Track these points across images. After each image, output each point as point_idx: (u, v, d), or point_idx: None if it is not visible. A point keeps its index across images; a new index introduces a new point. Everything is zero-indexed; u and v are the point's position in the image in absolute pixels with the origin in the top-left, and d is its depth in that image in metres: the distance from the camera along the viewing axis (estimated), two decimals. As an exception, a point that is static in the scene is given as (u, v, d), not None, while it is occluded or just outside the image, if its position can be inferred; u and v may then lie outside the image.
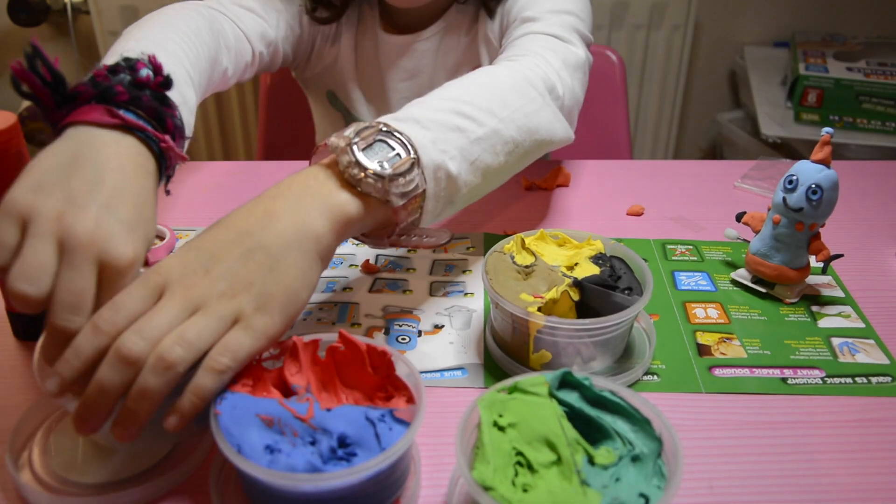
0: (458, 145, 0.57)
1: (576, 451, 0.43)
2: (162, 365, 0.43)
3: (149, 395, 0.43)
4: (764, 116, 1.61)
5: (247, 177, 0.90)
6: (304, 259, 0.49)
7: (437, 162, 0.55)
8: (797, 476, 0.50)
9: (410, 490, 0.48)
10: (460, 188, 0.58)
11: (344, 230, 0.51)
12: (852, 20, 1.82)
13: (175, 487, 0.49)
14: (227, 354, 0.45)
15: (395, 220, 0.54)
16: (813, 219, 0.64)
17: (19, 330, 0.62)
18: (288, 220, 0.49)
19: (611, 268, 0.60)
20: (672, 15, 1.72)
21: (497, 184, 0.64)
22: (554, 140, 0.68)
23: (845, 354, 0.61)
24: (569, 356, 0.57)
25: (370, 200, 0.52)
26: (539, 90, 0.67)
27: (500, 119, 0.61)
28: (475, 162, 0.58)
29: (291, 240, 0.48)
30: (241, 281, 0.46)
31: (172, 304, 0.45)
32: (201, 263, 0.47)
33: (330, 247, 0.51)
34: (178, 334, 0.44)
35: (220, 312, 0.45)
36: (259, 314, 0.46)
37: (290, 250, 0.48)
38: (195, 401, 0.44)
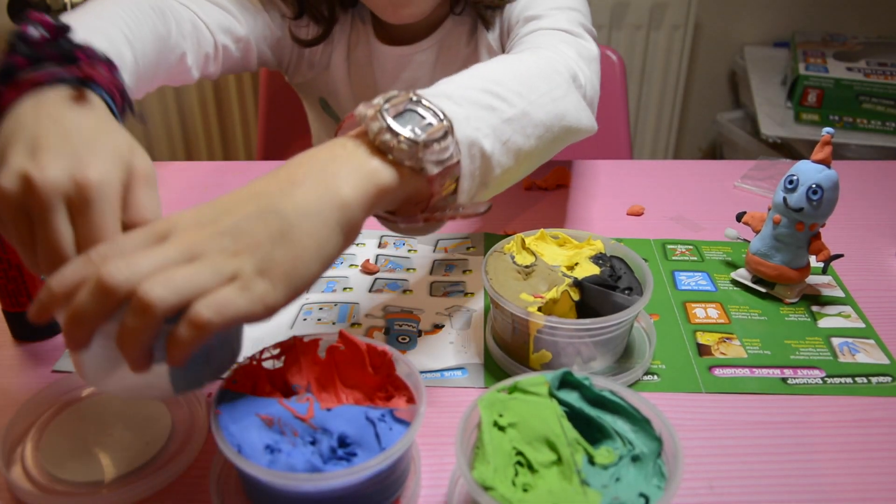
0: (490, 124, 0.54)
1: (576, 451, 0.43)
2: (140, 304, 0.39)
3: (130, 337, 0.40)
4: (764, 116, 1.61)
5: (247, 177, 0.90)
6: (324, 228, 0.44)
7: (472, 138, 0.51)
8: (797, 476, 0.50)
9: (410, 490, 0.48)
10: (494, 168, 0.54)
11: (375, 200, 0.47)
12: (852, 20, 1.82)
13: (175, 487, 0.49)
14: (212, 308, 0.40)
15: (430, 192, 0.50)
16: (813, 219, 0.64)
17: (17, 330, 0.62)
18: (311, 185, 0.45)
19: (611, 268, 0.60)
20: (672, 15, 1.72)
21: (527, 170, 0.61)
22: (581, 128, 0.66)
23: (845, 354, 0.61)
24: (569, 356, 0.57)
25: (403, 170, 0.48)
26: (564, 77, 0.65)
27: (530, 101, 0.58)
28: (507, 143, 0.55)
29: (312, 207, 0.44)
30: (247, 240, 0.43)
31: (169, 247, 0.42)
32: (210, 217, 0.44)
33: (356, 219, 0.46)
34: (166, 275, 0.40)
35: (217, 266, 0.42)
36: (259, 279, 0.42)
37: (308, 217, 0.44)
38: (174, 349, 0.40)
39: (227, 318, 0.41)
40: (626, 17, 1.72)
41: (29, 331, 0.62)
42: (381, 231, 0.78)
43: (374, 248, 0.75)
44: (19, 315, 0.61)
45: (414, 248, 0.75)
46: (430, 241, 0.76)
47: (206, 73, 0.83)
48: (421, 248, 0.75)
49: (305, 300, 0.67)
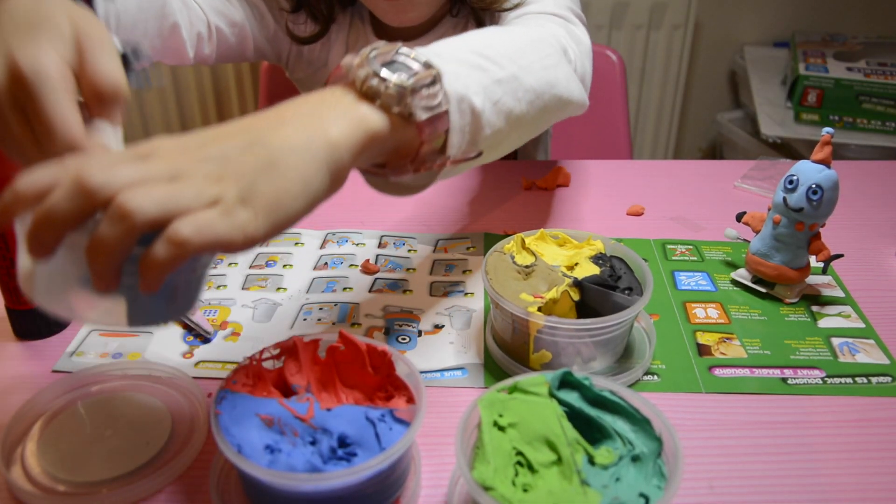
0: (480, 83, 0.53)
1: (576, 451, 0.43)
2: (120, 211, 0.37)
3: (103, 249, 0.38)
4: (764, 116, 1.61)
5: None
6: (310, 165, 0.43)
7: (461, 93, 0.51)
8: (797, 476, 0.50)
9: (410, 490, 0.48)
10: (484, 127, 0.53)
11: (363, 144, 0.46)
12: (852, 20, 1.82)
13: (175, 487, 0.49)
14: (192, 226, 0.38)
15: (420, 139, 0.49)
16: (813, 219, 0.64)
17: (19, 328, 0.62)
18: (299, 123, 0.44)
19: (611, 268, 0.60)
20: (672, 15, 1.72)
21: (518, 138, 0.61)
22: (572, 99, 0.65)
23: (845, 354, 0.61)
24: (569, 356, 0.57)
25: (392, 117, 0.48)
26: (554, 48, 0.64)
27: (521, 66, 0.58)
28: (498, 103, 0.54)
29: (300, 143, 0.43)
30: (232, 168, 0.41)
31: (152, 164, 0.40)
32: (197, 143, 0.42)
33: (343, 161, 0.45)
34: (147, 187, 0.38)
35: (200, 188, 0.40)
36: (241, 207, 0.40)
37: (295, 153, 0.43)
38: (146, 270, 0.38)
39: (206, 239, 0.39)
40: (626, 17, 1.72)
41: (30, 329, 0.62)
42: (381, 231, 0.78)
43: (374, 248, 0.75)
44: (21, 312, 0.61)
45: (414, 248, 0.75)
46: (430, 242, 0.76)
47: (201, 54, 0.83)
48: (421, 248, 0.75)
49: (306, 300, 0.67)
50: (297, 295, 0.68)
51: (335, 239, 0.77)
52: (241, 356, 0.60)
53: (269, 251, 0.75)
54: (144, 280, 0.39)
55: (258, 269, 0.72)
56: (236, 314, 0.66)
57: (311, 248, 0.75)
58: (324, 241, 0.76)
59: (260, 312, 0.66)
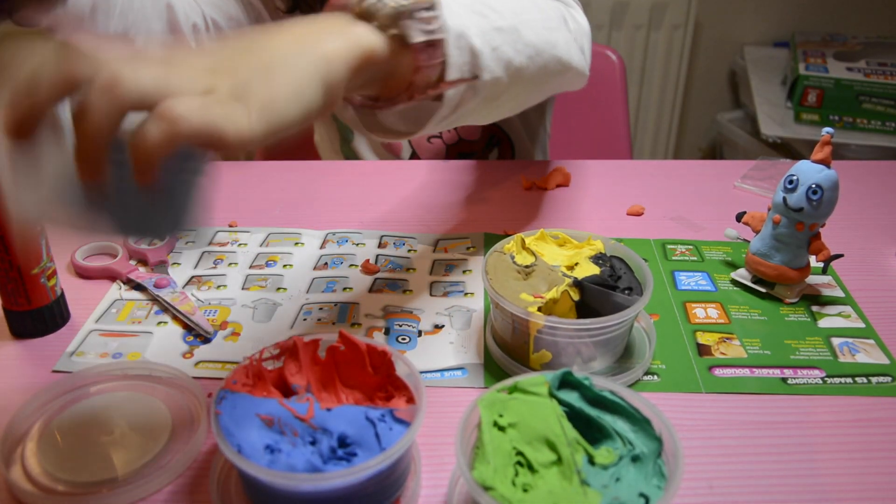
0: (480, 27, 0.53)
1: (576, 451, 0.43)
2: (108, 81, 0.36)
3: (91, 121, 0.36)
4: (764, 116, 1.61)
5: (247, 177, 0.90)
6: (304, 74, 0.42)
7: (460, 30, 0.50)
8: (797, 476, 0.50)
9: (410, 490, 0.48)
10: (483, 71, 0.52)
11: (358, 62, 0.45)
12: (852, 20, 1.82)
13: (175, 487, 0.49)
14: (184, 105, 0.37)
15: (415, 64, 0.49)
16: (813, 219, 0.64)
17: (17, 328, 0.62)
18: (297, 34, 0.44)
19: (611, 268, 0.60)
20: (672, 15, 1.72)
21: (517, 96, 0.60)
22: (572, 64, 0.64)
23: (845, 354, 0.61)
24: (569, 356, 0.57)
25: (388, 39, 0.47)
26: (556, 13, 0.64)
27: (522, 20, 0.57)
28: (497, 49, 0.54)
29: (296, 51, 0.43)
30: (227, 64, 0.41)
31: (146, 53, 0.40)
32: (194, 51, 0.43)
33: (338, 75, 0.44)
34: (137, 62, 0.38)
35: (191, 75, 0.39)
36: (234, 101, 0.39)
37: (290, 58, 0.42)
38: (136, 152, 0.37)
39: (199, 120, 0.37)
40: (626, 17, 1.72)
41: (29, 329, 0.62)
42: (381, 231, 0.78)
43: (374, 248, 0.75)
44: (19, 314, 0.61)
45: (414, 248, 0.75)
46: (430, 242, 0.76)
47: None
48: (421, 248, 0.75)
49: (306, 300, 0.67)
50: (297, 295, 0.68)
51: (335, 239, 0.77)
52: (241, 356, 0.60)
53: (269, 251, 0.75)
54: (138, 166, 0.37)
55: (258, 269, 0.72)
56: (236, 314, 0.66)
57: (311, 248, 0.75)
58: (324, 241, 0.76)
59: (260, 312, 0.66)
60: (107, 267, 0.71)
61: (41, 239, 0.60)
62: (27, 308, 0.61)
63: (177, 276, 0.71)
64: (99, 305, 0.67)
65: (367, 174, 0.91)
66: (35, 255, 0.59)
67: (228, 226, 0.79)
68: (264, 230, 0.78)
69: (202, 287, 0.69)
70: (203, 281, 0.70)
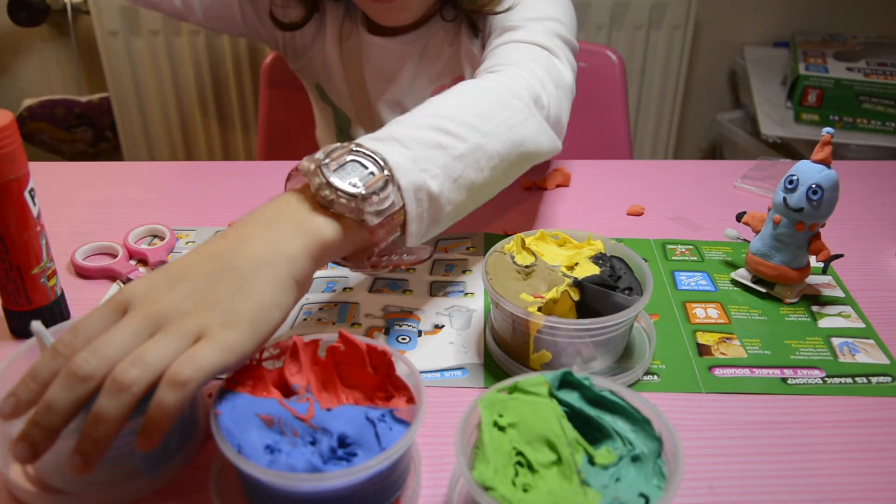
0: (440, 163, 0.56)
1: (576, 451, 0.43)
2: (116, 387, 0.41)
3: (105, 419, 0.41)
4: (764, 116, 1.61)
5: (247, 177, 0.90)
6: (277, 278, 0.47)
7: (418, 183, 0.54)
8: (797, 476, 0.50)
9: (410, 490, 0.48)
10: (443, 206, 0.56)
11: (320, 254, 0.50)
12: (852, 20, 1.82)
13: (175, 487, 0.49)
14: (190, 366, 0.42)
15: (373, 241, 0.53)
16: (813, 219, 0.64)
17: (16, 328, 0.62)
18: (260, 242, 0.48)
19: (611, 268, 0.60)
20: (672, 15, 1.72)
21: (483, 199, 0.63)
22: (540, 152, 0.67)
23: (845, 354, 0.61)
24: (569, 356, 0.57)
25: (346, 222, 0.51)
26: (524, 101, 0.65)
27: (484, 133, 0.60)
28: (458, 179, 0.57)
29: (263, 260, 0.47)
30: (206, 299, 0.45)
31: (131, 322, 0.44)
32: (167, 283, 0.46)
33: (305, 270, 0.49)
34: (135, 356, 0.42)
35: (181, 330, 0.43)
36: (226, 329, 0.44)
37: (261, 269, 0.46)
38: (157, 418, 0.42)
39: (205, 372, 0.42)
40: (626, 17, 1.72)
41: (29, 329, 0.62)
42: (381, 231, 0.78)
43: (374, 248, 0.75)
44: (19, 314, 0.61)
45: (414, 248, 0.75)
46: (430, 242, 0.76)
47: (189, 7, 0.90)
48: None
49: (306, 300, 0.67)
50: (297, 295, 0.68)
51: (335, 239, 0.76)
52: (241, 356, 0.60)
53: (269, 251, 0.75)
54: (148, 432, 0.42)
55: (258, 269, 0.72)
56: (236, 314, 0.65)
57: (311, 248, 0.75)
58: (324, 241, 0.76)
59: (260, 312, 0.66)
60: (107, 267, 0.71)
61: (41, 239, 0.60)
62: (27, 308, 0.61)
63: (177, 276, 0.71)
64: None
65: (367, 174, 0.91)
66: (35, 255, 0.59)
67: (228, 226, 0.79)
68: (264, 230, 0.78)
69: (202, 287, 0.69)
70: (203, 281, 0.70)
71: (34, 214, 0.58)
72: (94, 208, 0.83)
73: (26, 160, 0.57)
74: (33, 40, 1.79)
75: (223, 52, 1.69)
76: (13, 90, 1.84)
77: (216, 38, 1.68)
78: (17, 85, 1.84)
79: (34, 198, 0.58)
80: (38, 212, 0.58)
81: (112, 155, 1.89)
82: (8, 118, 0.54)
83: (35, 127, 1.78)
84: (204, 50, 1.68)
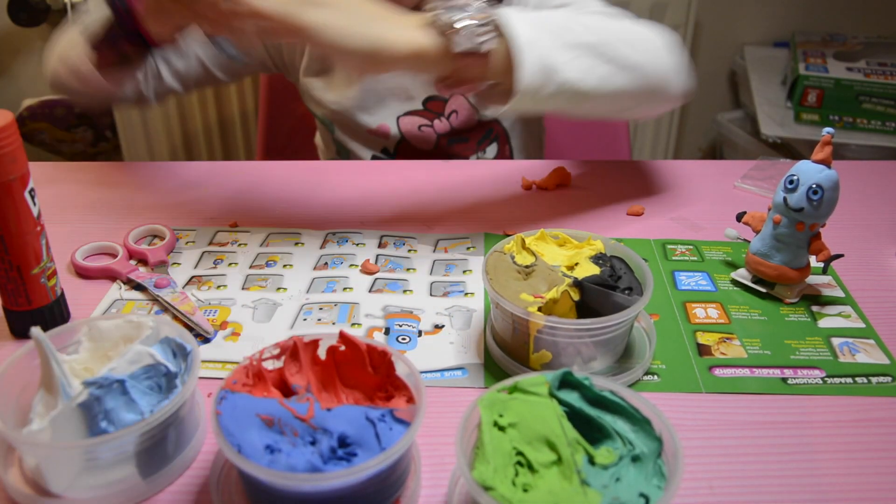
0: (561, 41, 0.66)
1: (576, 451, 0.43)
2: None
3: None
4: (764, 116, 1.61)
5: (247, 177, 0.90)
6: (370, 31, 0.61)
7: (541, 56, 0.63)
8: (797, 476, 0.50)
9: (410, 490, 0.48)
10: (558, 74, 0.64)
11: (412, 55, 0.63)
12: (852, 20, 1.82)
13: (175, 487, 0.49)
14: None
15: (455, 65, 0.64)
16: (813, 219, 0.64)
17: (16, 328, 0.62)
18: (384, 12, 0.63)
19: (611, 268, 0.60)
20: (672, 15, 1.72)
21: (590, 96, 0.68)
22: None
23: (845, 354, 0.61)
24: (569, 356, 0.57)
25: (441, 43, 0.62)
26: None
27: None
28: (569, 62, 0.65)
29: (373, 14, 0.63)
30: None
31: None
32: None
33: (390, 54, 0.62)
34: None
35: None
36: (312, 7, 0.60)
37: (372, 13, 0.63)
38: None
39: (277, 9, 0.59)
40: (626, 17, 1.72)
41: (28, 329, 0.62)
42: (381, 231, 0.78)
43: (374, 248, 0.75)
44: (19, 314, 0.61)
45: (414, 248, 0.75)
46: (430, 242, 0.76)
47: (211, 75, 0.93)
48: (421, 248, 0.75)
49: (306, 300, 0.67)
50: (297, 295, 0.68)
51: (335, 239, 0.77)
52: (241, 356, 0.60)
53: (269, 251, 0.75)
54: None
55: (258, 269, 0.72)
56: (236, 314, 0.66)
57: (311, 248, 0.75)
58: (324, 241, 0.76)
59: (260, 312, 0.66)
60: (107, 267, 0.71)
61: (41, 239, 0.60)
62: (27, 308, 0.61)
63: (177, 276, 0.71)
64: (99, 305, 0.67)
65: (367, 174, 0.91)
66: (35, 255, 0.59)
67: (228, 226, 0.79)
68: (264, 230, 0.78)
69: (202, 287, 0.69)
70: (203, 281, 0.70)
71: (34, 214, 0.58)
72: (94, 208, 0.83)
73: (26, 160, 0.57)
74: (33, 40, 1.79)
75: (223, 52, 1.69)
76: (13, 90, 1.84)
77: (216, 38, 1.68)
78: (17, 85, 1.84)
79: (34, 198, 0.58)
80: (38, 212, 0.58)
81: (112, 155, 1.89)
82: (8, 118, 0.54)
83: (35, 127, 1.78)
84: (204, 50, 1.68)
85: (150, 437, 0.47)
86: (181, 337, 0.52)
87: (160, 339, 0.52)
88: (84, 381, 0.47)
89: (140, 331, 0.52)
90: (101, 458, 0.47)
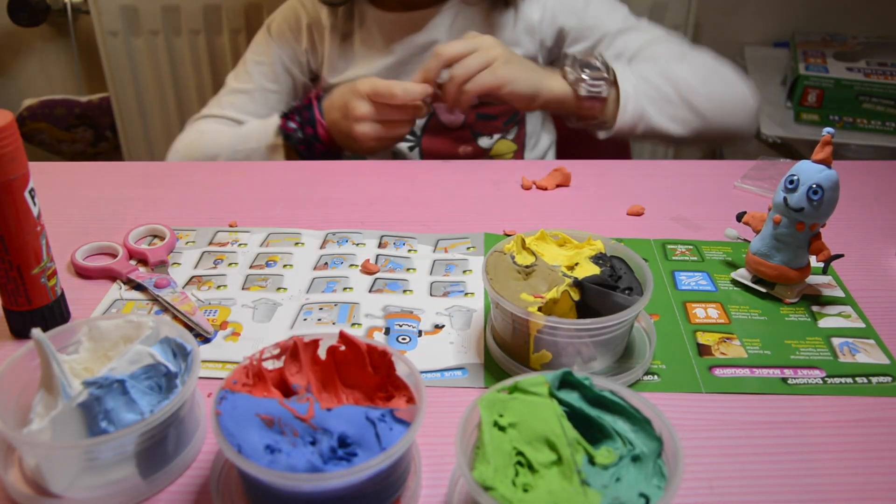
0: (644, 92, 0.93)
1: (576, 451, 0.43)
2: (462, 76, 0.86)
3: (463, 74, 0.87)
4: (764, 116, 1.61)
5: (247, 177, 0.90)
6: (531, 77, 0.91)
7: (639, 105, 0.92)
8: (797, 476, 0.50)
9: (410, 490, 0.48)
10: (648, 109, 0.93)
11: (555, 98, 0.92)
12: (852, 20, 1.82)
13: (175, 487, 0.49)
14: None
15: (579, 104, 0.92)
16: (814, 219, 0.64)
17: (16, 328, 0.62)
18: (539, 69, 0.93)
19: (611, 268, 0.60)
20: (672, 15, 1.72)
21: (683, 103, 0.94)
22: None
23: (845, 354, 0.61)
24: (569, 356, 0.57)
25: (573, 91, 0.92)
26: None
27: None
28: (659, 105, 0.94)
29: (534, 71, 0.92)
30: (503, 56, 0.89)
31: None
32: None
33: (543, 95, 0.91)
34: None
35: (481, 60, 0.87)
36: (504, 66, 0.88)
37: (530, 69, 0.92)
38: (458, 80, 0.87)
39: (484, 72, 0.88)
40: (626, 17, 1.72)
41: (29, 329, 0.62)
42: (381, 231, 0.78)
43: (374, 248, 0.75)
44: (19, 314, 0.61)
45: (414, 248, 0.75)
46: (430, 242, 0.76)
47: None
48: (421, 248, 0.75)
49: (306, 300, 0.67)
50: (298, 295, 0.68)
51: (335, 239, 0.77)
52: (241, 356, 0.60)
53: (269, 251, 0.75)
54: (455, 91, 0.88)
55: (258, 269, 0.72)
56: (236, 314, 0.66)
57: (311, 248, 0.75)
58: (324, 241, 0.76)
59: (260, 312, 0.66)
60: (107, 267, 0.71)
61: (41, 239, 0.60)
62: (27, 308, 0.61)
63: (177, 276, 0.71)
64: (99, 305, 0.67)
65: (366, 174, 0.91)
66: (35, 255, 0.59)
67: (228, 226, 0.79)
68: (264, 230, 0.78)
69: (202, 287, 0.69)
70: (203, 281, 0.70)
71: (34, 214, 0.58)
72: (93, 208, 0.83)
73: (26, 160, 0.57)
74: (33, 40, 1.79)
75: (223, 52, 1.69)
76: (13, 90, 1.84)
77: (216, 37, 1.68)
78: (17, 85, 1.84)
79: (34, 198, 0.58)
80: (38, 212, 0.58)
81: (112, 155, 1.89)
82: (8, 118, 0.54)
83: (35, 127, 1.78)
84: (204, 50, 1.68)
85: (150, 437, 0.47)
86: (181, 337, 0.52)
87: (160, 339, 0.52)
88: (84, 381, 0.47)
89: (140, 331, 0.52)
90: (101, 458, 0.47)
